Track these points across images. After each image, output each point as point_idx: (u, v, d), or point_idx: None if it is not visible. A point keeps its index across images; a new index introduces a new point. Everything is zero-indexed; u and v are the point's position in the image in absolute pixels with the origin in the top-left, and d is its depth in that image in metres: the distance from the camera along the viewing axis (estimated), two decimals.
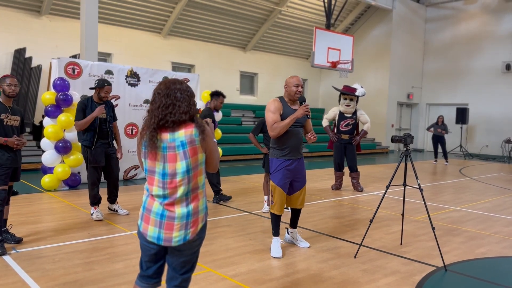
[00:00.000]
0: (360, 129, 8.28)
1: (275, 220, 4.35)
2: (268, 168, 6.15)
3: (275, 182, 4.23)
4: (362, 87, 8.10)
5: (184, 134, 2.17)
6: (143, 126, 2.26)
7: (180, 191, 2.20)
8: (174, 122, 2.17)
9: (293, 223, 4.59)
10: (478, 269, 4.09)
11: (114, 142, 5.87)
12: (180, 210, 2.20)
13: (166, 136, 2.18)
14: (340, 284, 3.60)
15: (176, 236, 2.19)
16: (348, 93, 8.06)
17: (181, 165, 2.18)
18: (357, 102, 8.16)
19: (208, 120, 2.44)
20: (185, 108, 2.19)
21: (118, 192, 5.96)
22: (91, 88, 5.76)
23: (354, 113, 8.13)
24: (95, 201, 5.54)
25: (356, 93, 7.98)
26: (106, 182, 5.82)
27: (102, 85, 5.51)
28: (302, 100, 4.23)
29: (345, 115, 8.12)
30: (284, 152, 4.20)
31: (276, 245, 4.32)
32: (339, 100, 8.27)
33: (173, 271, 2.31)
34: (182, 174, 2.18)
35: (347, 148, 8.13)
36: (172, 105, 2.18)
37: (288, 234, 4.67)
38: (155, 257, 2.31)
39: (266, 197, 6.30)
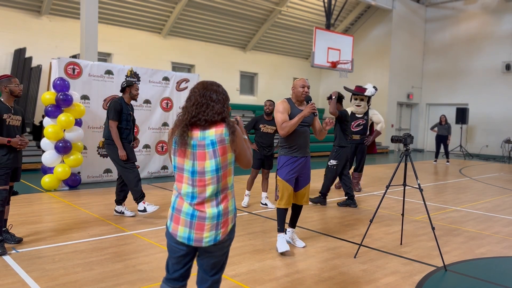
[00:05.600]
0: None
1: (281, 215, 4.45)
2: (255, 164, 6.49)
3: (282, 177, 4.37)
4: (374, 87, 8.08)
5: (214, 133, 2.21)
6: (175, 122, 2.30)
7: (209, 190, 2.21)
8: (207, 120, 2.22)
9: (293, 222, 4.67)
10: (478, 269, 4.09)
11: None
12: (211, 210, 2.21)
13: (197, 134, 2.22)
14: (340, 284, 3.60)
15: (207, 237, 2.20)
16: (357, 93, 8.08)
17: (210, 164, 2.21)
18: (369, 102, 8.17)
19: (238, 117, 2.48)
20: (219, 109, 2.24)
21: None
22: (121, 91, 5.65)
23: (366, 113, 8.14)
24: (143, 195, 5.58)
25: (366, 93, 8.00)
26: (116, 181, 5.80)
27: (131, 83, 5.51)
28: (308, 99, 4.46)
29: (356, 115, 8.14)
30: (292, 150, 4.37)
31: (281, 240, 4.37)
32: (351, 100, 8.31)
33: (203, 273, 2.31)
34: (211, 173, 2.21)
35: (358, 149, 8.12)
36: (206, 104, 2.23)
37: (286, 233, 4.70)
38: (184, 259, 2.30)
39: (247, 192, 6.58)
